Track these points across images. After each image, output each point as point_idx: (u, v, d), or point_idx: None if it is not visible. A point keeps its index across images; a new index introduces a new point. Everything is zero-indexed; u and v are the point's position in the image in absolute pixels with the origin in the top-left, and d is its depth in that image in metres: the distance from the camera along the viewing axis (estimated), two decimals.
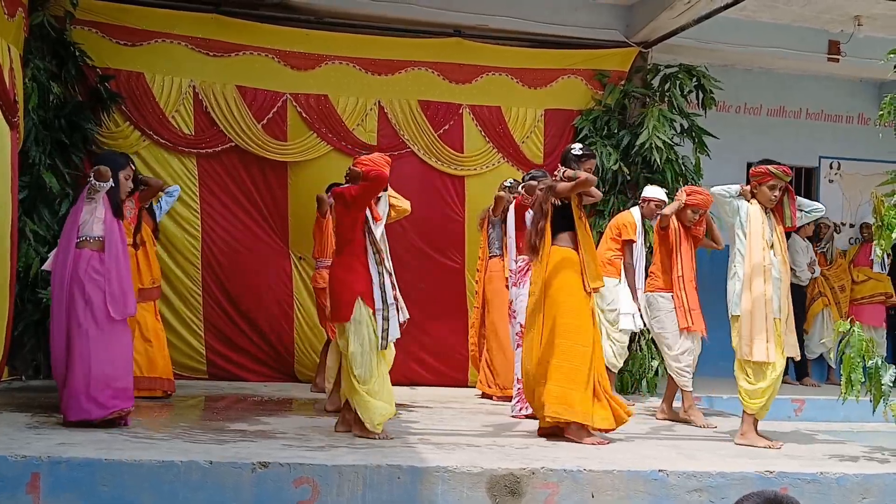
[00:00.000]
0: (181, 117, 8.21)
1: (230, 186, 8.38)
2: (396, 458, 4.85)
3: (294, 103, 8.41)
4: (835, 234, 10.78)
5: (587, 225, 5.91)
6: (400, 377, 8.52)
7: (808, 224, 10.06)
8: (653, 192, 7.50)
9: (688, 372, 6.86)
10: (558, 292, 5.72)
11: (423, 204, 8.61)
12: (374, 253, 5.51)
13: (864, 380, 5.47)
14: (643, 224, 7.43)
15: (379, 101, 8.61)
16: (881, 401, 5.51)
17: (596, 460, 5.01)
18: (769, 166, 5.86)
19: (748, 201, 5.90)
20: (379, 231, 5.61)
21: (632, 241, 7.31)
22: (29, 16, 7.23)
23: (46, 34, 7.50)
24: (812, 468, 5.12)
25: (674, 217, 6.94)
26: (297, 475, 4.51)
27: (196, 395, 7.42)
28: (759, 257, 5.78)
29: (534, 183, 6.40)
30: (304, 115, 8.42)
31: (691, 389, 6.88)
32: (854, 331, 5.49)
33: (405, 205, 6.09)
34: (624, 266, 7.31)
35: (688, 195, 6.94)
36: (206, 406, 7.04)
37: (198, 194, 8.27)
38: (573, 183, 5.70)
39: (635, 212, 7.44)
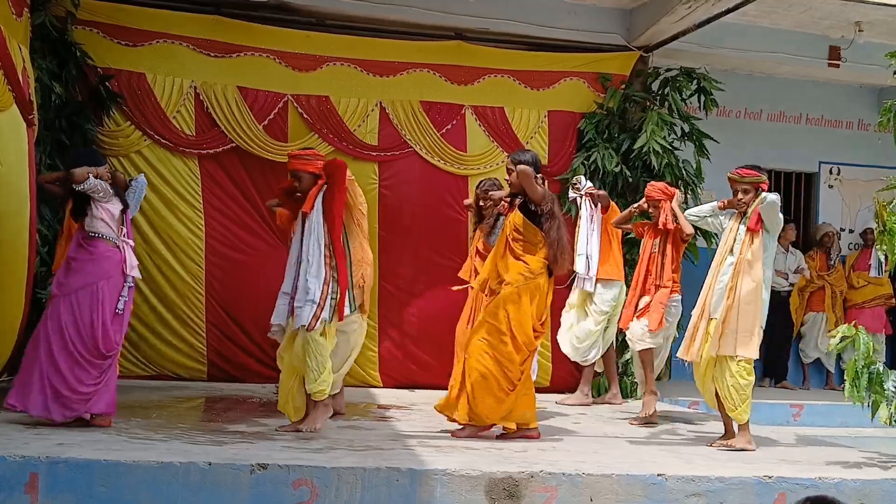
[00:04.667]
0: (182, 118, 8.21)
1: (231, 187, 8.38)
2: (395, 460, 4.86)
3: (295, 104, 8.41)
4: (836, 240, 10.80)
5: (505, 234, 6.02)
6: (400, 379, 8.59)
7: (787, 229, 10.15)
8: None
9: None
10: None
11: (425, 204, 8.64)
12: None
13: (866, 385, 5.46)
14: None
15: (380, 102, 8.61)
16: (881, 406, 5.50)
17: (594, 464, 5.02)
18: (730, 171, 6.01)
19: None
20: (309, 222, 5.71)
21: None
22: (31, 15, 7.23)
23: (48, 34, 7.49)
24: (810, 473, 5.13)
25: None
26: (296, 477, 4.51)
27: (195, 397, 7.41)
28: (715, 263, 5.94)
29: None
30: (305, 116, 8.42)
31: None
32: (859, 335, 5.47)
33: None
34: None
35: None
36: (205, 407, 7.04)
37: (201, 194, 8.27)
38: None
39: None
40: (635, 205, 7.28)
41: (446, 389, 7.94)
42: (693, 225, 6.67)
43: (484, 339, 5.80)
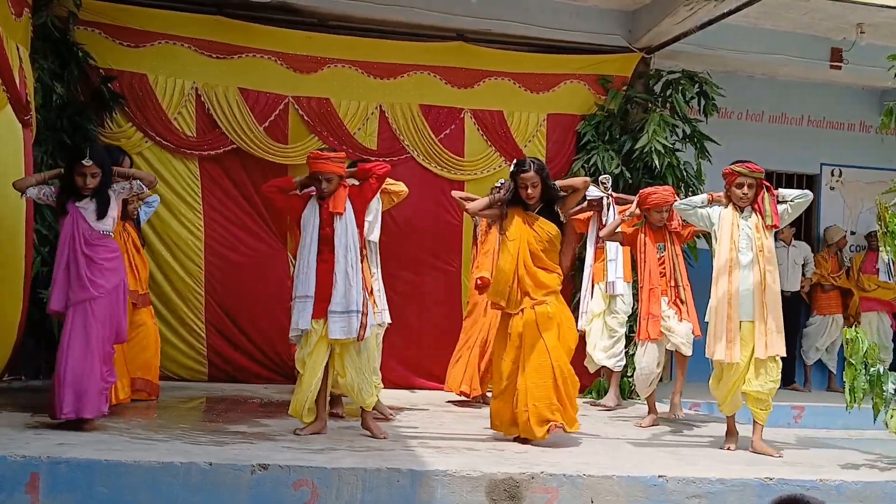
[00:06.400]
0: (183, 119, 8.21)
1: (231, 188, 8.39)
2: (396, 461, 4.86)
3: (296, 106, 8.42)
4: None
5: (525, 244, 5.84)
6: (399, 381, 8.57)
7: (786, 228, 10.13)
8: (590, 190, 7.60)
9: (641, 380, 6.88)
10: None
11: (421, 209, 8.63)
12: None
13: (866, 386, 5.43)
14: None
15: (380, 105, 8.61)
16: (882, 409, 5.48)
17: (595, 466, 5.01)
18: (733, 165, 5.86)
19: (725, 206, 5.91)
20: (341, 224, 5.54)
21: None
22: (33, 16, 7.23)
23: (49, 34, 7.49)
24: (811, 475, 5.12)
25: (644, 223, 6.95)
26: (297, 477, 4.52)
27: (196, 398, 7.41)
28: (725, 259, 5.80)
29: None
30: (306, 118, 8.42)
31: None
32: (860, 336, 5.45)
33: (401, 188, 6.40)
34: None
35: (643, 199, 6.84)
36: (206, 408, 7.04)
37: (200, 195, 8.28)
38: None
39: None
40: (627, 212, 7.07)
41: (444, 391, 7.99)
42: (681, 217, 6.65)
43: (553, 351, 5.70)
